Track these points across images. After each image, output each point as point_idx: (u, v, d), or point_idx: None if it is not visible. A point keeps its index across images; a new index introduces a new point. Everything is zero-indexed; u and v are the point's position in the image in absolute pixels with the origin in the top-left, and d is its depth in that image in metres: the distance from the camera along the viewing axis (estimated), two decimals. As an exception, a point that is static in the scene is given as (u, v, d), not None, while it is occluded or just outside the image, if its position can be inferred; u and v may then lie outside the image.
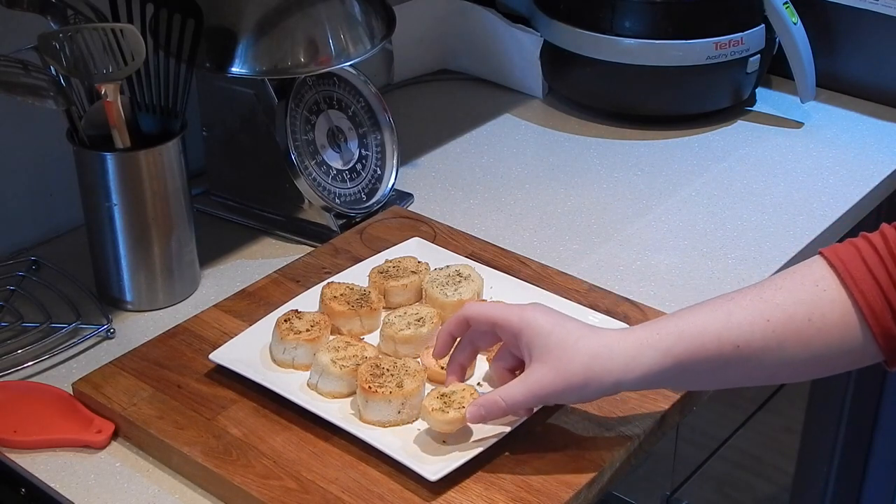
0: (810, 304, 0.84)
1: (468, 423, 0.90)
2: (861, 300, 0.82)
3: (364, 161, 1.29)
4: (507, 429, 0.92)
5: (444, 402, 0.91)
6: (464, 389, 0.92)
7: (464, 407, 0.90)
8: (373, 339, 1.04)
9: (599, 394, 0.88)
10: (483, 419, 0.89)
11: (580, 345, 0.86)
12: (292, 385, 0.98)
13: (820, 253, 0.87)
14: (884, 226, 0.85)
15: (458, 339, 0.95)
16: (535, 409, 0.93)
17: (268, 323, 1.04)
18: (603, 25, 1.48)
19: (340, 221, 1.26)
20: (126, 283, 1.13)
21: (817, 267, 0.85)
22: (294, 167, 1.21)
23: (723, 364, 0.85)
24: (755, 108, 1.58)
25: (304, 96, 1.24)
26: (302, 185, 1.22)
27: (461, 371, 0.95)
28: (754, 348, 0.84)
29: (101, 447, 0.96)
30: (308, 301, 1.08)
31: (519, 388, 0.88)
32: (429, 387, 0.97)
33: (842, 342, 0.84)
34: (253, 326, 1.05)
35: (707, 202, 1.35)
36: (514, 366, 0.93)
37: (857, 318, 0.83)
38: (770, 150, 1.47)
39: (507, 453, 0.92)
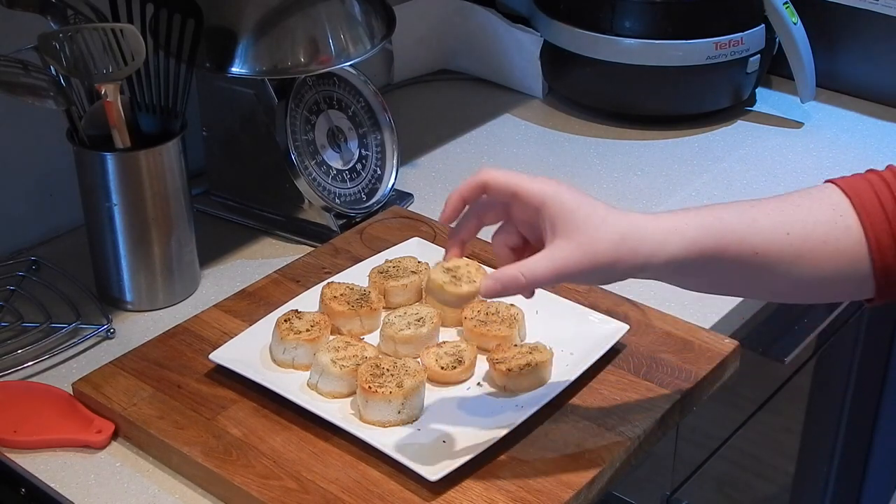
0: (827, 227, 0.83)
1: (482, 295, 0.83)
2: (870, 231, 0.82)
3: (364, 161, 1.29)
4: (508, 429, 0.92)
5: (453, 276, 0.86)
6: (468, 264, 0.86)
7: (474, 281, 0.84)
8: (373, 339, 1.04)
9: (625, 275, 0.84)
10: (498, 294, 0.83)
11: (609, 222, 0.81)
12: (292, 385, 0.98)
13: (830, 181, 0.85)
14: (890, 165, 0.85)
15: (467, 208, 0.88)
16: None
17: (268, 323, 1.04)
18: (603, 25, 1.48)
19: (340, 221, 1.26)
20: (126, 283, 1.13)
21: (832, 192, 0.85)
22: (294, 167, 1.21)
23: (737, 267, 0.84)
24: (755, 108, 1.58)
25: (304, 96, 1.24)
26: (302, 185, 1.22)
27: (462, 246, 0.88)
28: (770, 258, 0.83)
29: (101, 447, 0.96)
30: (308, 301, 1.08)
31: (543, 264, 0.81)
32: (428, 386, 0.97)
33: (848, 270, 0.83)
34: (253, 326, 1.05)
35: (707, 202, 1.34)
36: (517, 244, 0.87)
37: (866, 248, 0.83)
38: (770, 150, 1.47)
39: (507, 453, 0.92)
